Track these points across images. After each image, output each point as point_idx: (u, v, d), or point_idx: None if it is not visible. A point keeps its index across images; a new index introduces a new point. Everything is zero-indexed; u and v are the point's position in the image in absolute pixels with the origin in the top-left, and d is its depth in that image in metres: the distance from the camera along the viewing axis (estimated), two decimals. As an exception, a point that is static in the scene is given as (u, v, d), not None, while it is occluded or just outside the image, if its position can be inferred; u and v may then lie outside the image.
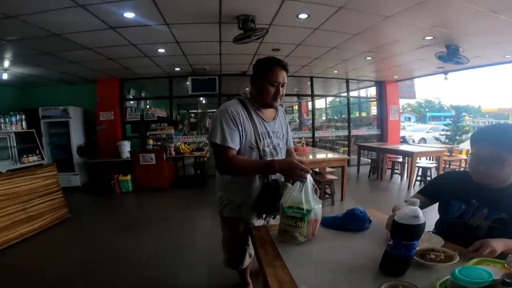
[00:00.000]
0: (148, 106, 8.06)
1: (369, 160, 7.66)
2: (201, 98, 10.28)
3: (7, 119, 4.00)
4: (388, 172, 7.04)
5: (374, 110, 10.23)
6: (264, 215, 1.70)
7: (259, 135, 1.59)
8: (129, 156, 6.27)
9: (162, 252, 3.27)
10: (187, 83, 7.19)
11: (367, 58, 5.94)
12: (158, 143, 6.40)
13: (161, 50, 4.97)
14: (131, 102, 7.73)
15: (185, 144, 6.84)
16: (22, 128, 4.29)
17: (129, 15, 3.32)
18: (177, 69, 6.54)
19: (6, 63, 5.10)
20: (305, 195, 1.30)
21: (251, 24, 3.56)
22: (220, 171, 1.61)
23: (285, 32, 4.24)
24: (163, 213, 4.76)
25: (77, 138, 6.76)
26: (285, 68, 1.60)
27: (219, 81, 7.17)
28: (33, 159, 4.17)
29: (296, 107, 15.46)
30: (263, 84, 1.58)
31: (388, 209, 1.56)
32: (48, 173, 4.24)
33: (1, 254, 3.24)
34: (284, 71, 1.59)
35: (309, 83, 8.27)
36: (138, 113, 7.50)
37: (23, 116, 4.28)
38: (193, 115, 16.76)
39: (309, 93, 8.59)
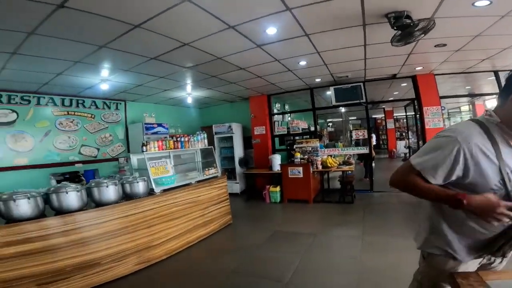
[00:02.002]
0: (290, 119, 8.47)
1: None
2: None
3: (195, 138, 4.88)
4: None
5: None
6: (489, 255, 1.30)
7: (507, 173, 1.16)
8: (279, 169, 6.69)
9: (304, 273, 3.18)
10: (328, 93, 7.02)
11: None
12: (305, 156, 6.55)
13: (302, 63, 5.04)
14: (276, 116, 8.34)
15: (331, 157, 6.67)
16: (205, 145, 5.13)
17: (271, 31, 3.46)
18: (318, 80, 6.49)
19: (189, 88, 6.57)
20: None
21: (406, 20, 3.01)
22: (390, 181, 1.38)
23: (454, 24, 3.43)
24: (307, 228, 4.72)
25: (238, 151, 7.92)
26: None
27: (364, 88, 6.60)
28: (211, 171, 5.05)
29: (467, 108, 12.25)
30: None
31: None
32: (221, 184, 5.05)
33: (180, 254, 3.91)
34: None
35: (493, 78, 6.26)
36: (284, 126, 7.98)
37: (205, 135, 5.24)
38: (330, 124, 16.39)
39: (487, 91, 6.52)
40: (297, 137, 7.37)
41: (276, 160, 6.76)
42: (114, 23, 2.93)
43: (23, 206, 2.67)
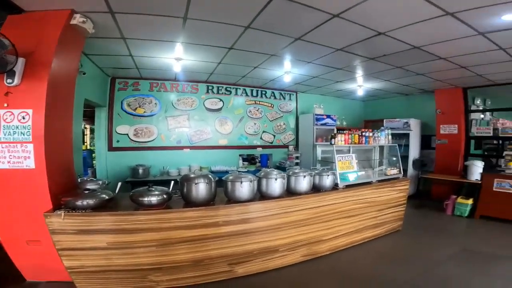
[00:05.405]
0: (492, 117, 6.47)
1: None
2: None
3: (379, 133, 4.57)
4: None
5: None
6: None
7: None
8: (478, 179, 5.39)
9: None
10: None
11: None
12: None
13: None
14: (476, 113, 6.63)
15: None
16: (389, 142, 4.71)
17: (509, 17, 2.85)
18: None
19: (361, 80, 6.15)
20: None
21: None
22: None
23: None
24: None
25: (413, 151, 6.89)
26: None
27: None
28: (394, 172, 4.58)
29: None
30: None
31: None
32: (402, 187, 4.54)
33: (343, 252, 3.75)
34: None
35: None
36: (484, 126, 6.20)
37: (389, 131, 4.75)
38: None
39: None
40: (506, 142, 5.58)
41: (477, 168, 5.41)
42: (316, 13, 2.93)
43: (245, 188, 2.93)
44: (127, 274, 2.63)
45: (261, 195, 3.25)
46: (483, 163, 5.53)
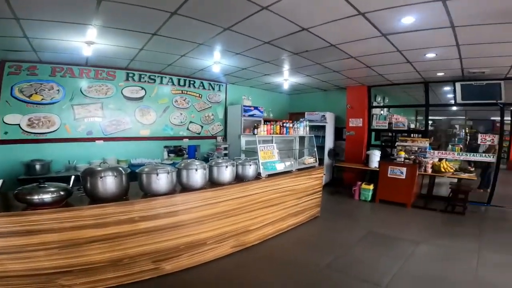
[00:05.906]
0: (388, 113, 7.69)
1: None
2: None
3: (298, 125, 4.85)
4: None
5: None
6: None
7: None
8: (377, 166, 6.20)
9: (406, 280, 2.96)
10: (447, 88, 6.16)
11: None
12: (411, 156, 5.90)
13: (430, 55, 4.47)
14: (373, 109, 7.66)
15: (446, 162, 5.82)
16: (307, 133, 5.04)
17: (408, 20, 3.15)
18: (440, 74, 5.67)
19: (287, 74, 6.45)
20: None
21: None
22: None
23: None
24: (407, 234, 4.32)
25: (329, 141, 7.63)
26: None
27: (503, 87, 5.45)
28: (311, 161, 4.91)
29: None
30: None
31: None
32: (318, 175, 4.90)
33: (271, 241, 3.91)
34: None
35: None
36: (382, 120, 7.29)
37: (307, 123, 5.12)
38: (431, 122, 14.35)
39: None
40: (398, 134, 6.66)
41: (375, 157, 6.25)
42: (245, 3, 2.88)
43: (162, 181, 2.75)
44: (29, 279, 2.28)
45: (182, 187, 3.11)
46: (380, 152, 6.41)
